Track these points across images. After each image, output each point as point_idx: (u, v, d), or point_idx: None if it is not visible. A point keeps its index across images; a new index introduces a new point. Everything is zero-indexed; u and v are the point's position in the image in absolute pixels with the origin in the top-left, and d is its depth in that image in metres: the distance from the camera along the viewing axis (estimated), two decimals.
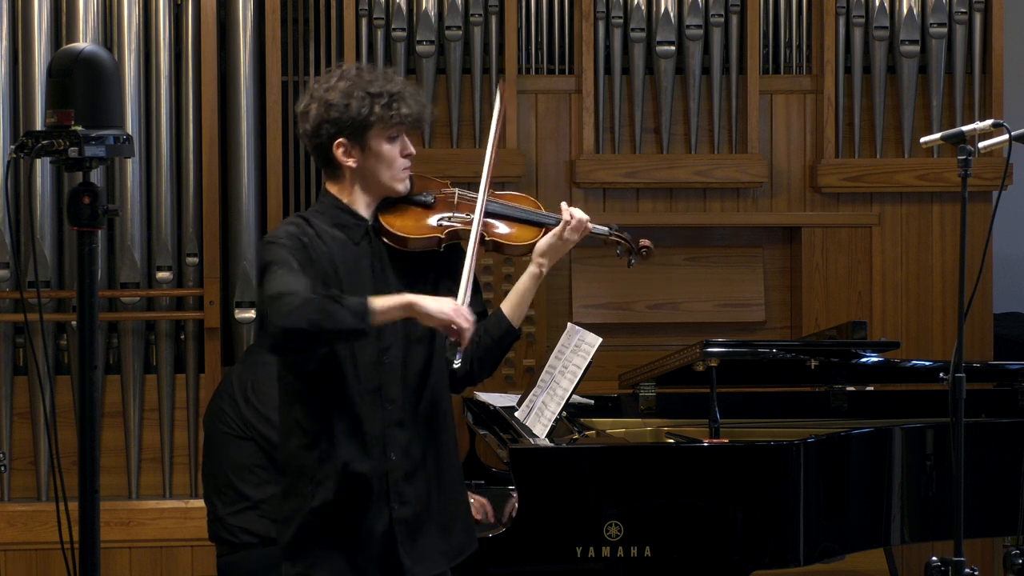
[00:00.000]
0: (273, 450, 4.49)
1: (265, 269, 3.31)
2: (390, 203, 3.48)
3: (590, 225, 3.60)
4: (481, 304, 3.54)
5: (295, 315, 3.18)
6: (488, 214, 3.54)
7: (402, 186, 3.45)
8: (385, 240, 3.45)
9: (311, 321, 3.18)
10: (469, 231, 3.48)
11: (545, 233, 3.58)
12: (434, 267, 3.49)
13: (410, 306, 3.26)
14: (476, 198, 3.52)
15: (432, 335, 3.45)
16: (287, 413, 3.44)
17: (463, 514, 3.54)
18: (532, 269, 3.55)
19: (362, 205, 3.45)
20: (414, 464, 3.42)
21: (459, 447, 3.61)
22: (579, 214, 3.58)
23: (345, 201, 3.44)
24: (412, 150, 3.46)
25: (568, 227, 3.55)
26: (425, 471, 3.44)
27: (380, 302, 3.25)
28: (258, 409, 4.48)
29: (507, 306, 3.56)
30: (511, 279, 5.46)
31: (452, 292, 3.43)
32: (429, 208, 3.51)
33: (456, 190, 3.57)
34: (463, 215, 3.51)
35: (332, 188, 3.46)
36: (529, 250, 3.58)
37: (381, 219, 3.46)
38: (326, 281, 3.34)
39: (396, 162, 3.43)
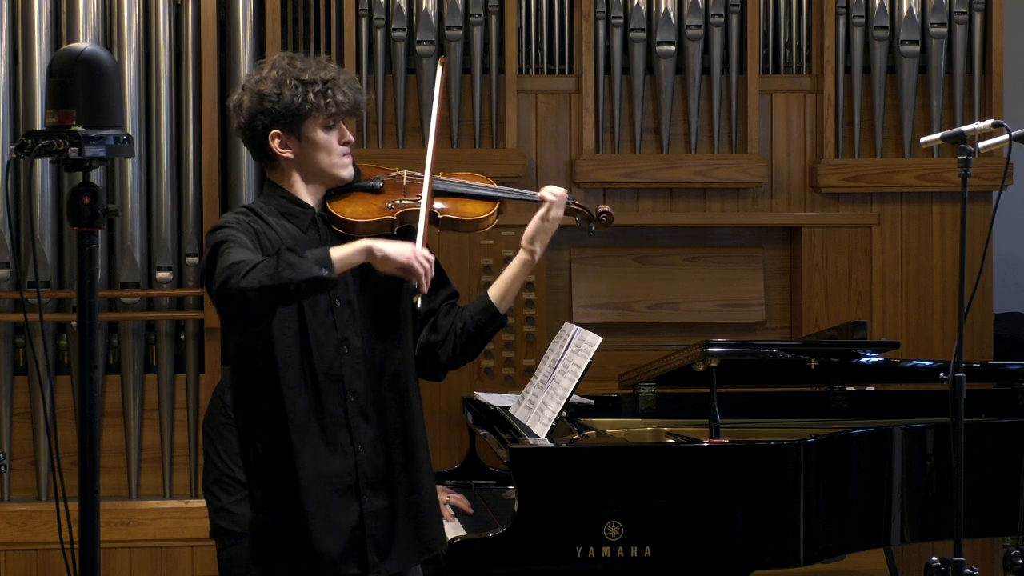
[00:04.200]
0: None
1: (215, 250, 3.21)
2: (337, 191, 3.41)
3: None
4: (449, 287, 3.51)
5: (254, 274, 3.09)
6: (439, 193, 3.47)
7: (345, 172, 3.40)
8: (335, 228, 3.38)
9: (272, 275, 3.09)
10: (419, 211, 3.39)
11: (499, 208, 3.52)
12: None
13: (368, 250, 3.19)
14: (425, 179, 3.44)
15: (396, 324, 3.40)
16: (244, 420, 3.37)
17: (434, 510, 3.49)
18: (522, 255, 3.51)
19: (305, 194, 3.39)
20: (383, 457, 3.37)
21: (428, 441, 3.52)
22: (558, 191, 3.54)
23: (289, 190, 3.39)
24: (350, 137, 3.41)
25: (552, 206, 3.51)
26: (395, 464, 3.39)
27: (339, 250, 3.18)
28: None
29: (494, 292, 3.51)
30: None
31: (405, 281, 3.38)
32: (378, 193, 3.44)
33: (404, 172, 3.50)
34: (414, 197, 3.43)
35: (274, 179, 3.41)
36: (481, 225, 3.50)
37: (329, 207, 3.39)
38: None
39: (334, 150, 3.37)
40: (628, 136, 5.65)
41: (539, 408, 4.34)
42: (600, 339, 4.29)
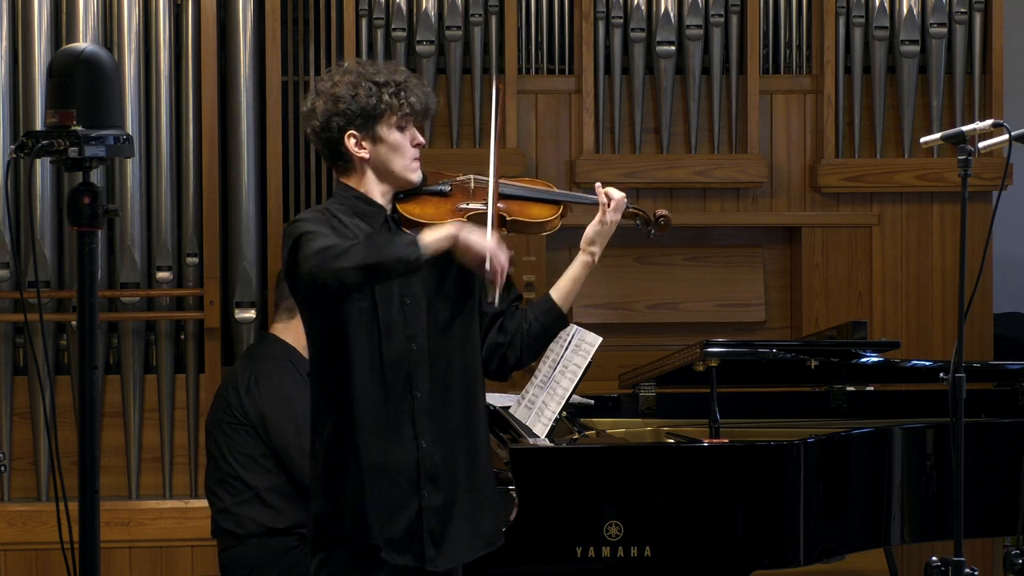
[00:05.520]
0: (268, 440, 4.53)
1: (297, 241, 3.28)
2: (407, 194, 3.49)
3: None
4: (514, 290, 3.58)
5: (348, 255, 3.18)
6: (505, 197, 3.55)
7: (415, 176, 3.47)
8: (405, 230, 3.45)
9: (366, 255, 3.18)
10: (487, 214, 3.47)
11: (563, 211, 3.60)
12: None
13: (454, 236, 3.25)
14: (490, 182, 3.51)
15: (460, 322, 3.46)
16: (316, 411, 3.45)
17: (493, 506, 3.55)
18: (584, 257, 3.60)
19: (378, 195, 3.46)
20: (445, 453, 3.43)
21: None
22: (616, 194, 3.61)
23: (362, 191, 3.46)
24: (422, 140, 3.49)
25: (609, 209, 3.59)
26: (456, 461, 3.45)
27: (428, 234, 3.25)
28: (256, 401, 4.54)
29: (556, 292, 3.60)
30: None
31: (472, 282, 3.46)
32: (446, 196, 3.52)
33: (472, 176, 3.57)
34: (481, 201, 3.50)
35: (347, 181, 3.48)
36: (547, 227, 3.60)
37: (400, 209, 3.46)
38: None
39: (407, 151, 3.45)
40: (628, 136, 5.66)
41: (539, 408, 4.34)
42: (600, 339, 4.29)
